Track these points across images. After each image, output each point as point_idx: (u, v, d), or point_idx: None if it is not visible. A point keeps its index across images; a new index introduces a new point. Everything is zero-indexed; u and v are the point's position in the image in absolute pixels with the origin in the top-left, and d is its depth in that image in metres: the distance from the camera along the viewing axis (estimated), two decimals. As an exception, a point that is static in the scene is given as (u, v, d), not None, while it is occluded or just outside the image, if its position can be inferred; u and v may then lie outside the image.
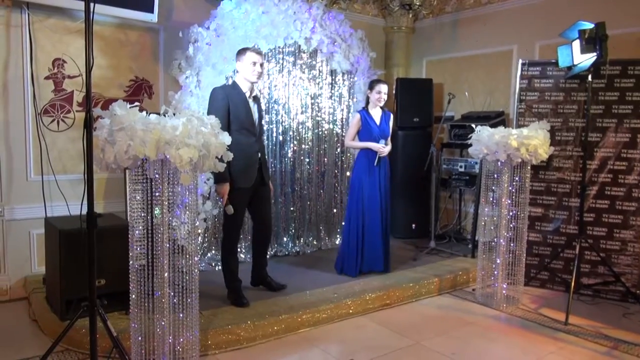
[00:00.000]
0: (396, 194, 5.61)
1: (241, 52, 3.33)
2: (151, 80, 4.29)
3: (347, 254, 4.08)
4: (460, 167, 5.23)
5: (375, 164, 4.03)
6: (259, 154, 3.42)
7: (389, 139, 4.16)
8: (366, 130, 4.07)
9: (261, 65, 3.31)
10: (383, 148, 4.02)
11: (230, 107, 3.25)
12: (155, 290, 2.41)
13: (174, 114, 2.38)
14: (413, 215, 5.49)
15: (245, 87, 3.33)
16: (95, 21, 2.37)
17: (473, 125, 3.92)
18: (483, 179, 3.83)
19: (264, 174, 3.48)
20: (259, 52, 3.33)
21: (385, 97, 4.07)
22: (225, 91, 3.30)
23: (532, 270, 4.26)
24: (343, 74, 5.03)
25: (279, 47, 4.54)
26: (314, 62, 4.80)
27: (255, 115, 3.39)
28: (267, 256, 3.77)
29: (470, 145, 3.82)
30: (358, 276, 4.02)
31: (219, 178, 3.22)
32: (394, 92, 5.69)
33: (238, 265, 3.48)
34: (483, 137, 3.70)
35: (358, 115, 4.09)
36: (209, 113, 3.26)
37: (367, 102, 4.14)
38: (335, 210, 5.10)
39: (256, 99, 3.45)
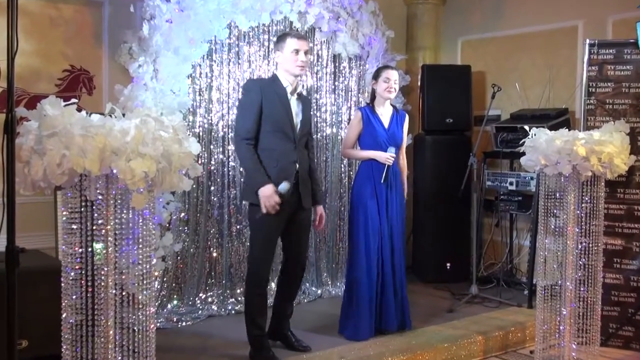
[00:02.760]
0: (423, 223, 5.63)
1: (280, 39, 3.61)
2: (92, 71, 4.34)
3: (353, 309, 4.01)
4: (511, 184, 5.25)
5: (382, 180, 4.03)
6: (297, 166, 3.54)
7: (403, 148, 4.19)
8: (369, 135, 4.08)
9: (305, 53, 3.55)
10: (392, 157, 4.01)
11: (264, 103, 3.49)
12: (97, 355, 2.40)
13: (124, 115, 2.40)
14: (447, 250, 5.48)
15: (286, 82, 3.58)
16: (18, -8, 2.42)
17: (526, 128, 3.94)
18: (541, 200, 3.85)
19: (302, 194, 3.58)
20: (301, 37, 3.60)
21: (397, 86, 4.11)
22: (259, 85, 3.60)
23: (611, 324, 4.25)
24: (350, 59, 5.09)
25: (264, 24, 4.61)
26: (310, 45, 4.86)
27: (298, 118, 3.59)
28: (294, 302, 3.90)
29: (524, 154, 3.85)
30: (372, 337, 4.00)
31: (257, 183, 3.38)
32: (418, 83, 5.75)
33: (265, 310, 3.61)
34: (540, 143, 3.72)
35: (359, 114, 4.12)
36: (238, 110, 3.66)
37: (373, 97, 4.17)
38: (341, 245, 5.12)
39: (302, 97, 3.65)
